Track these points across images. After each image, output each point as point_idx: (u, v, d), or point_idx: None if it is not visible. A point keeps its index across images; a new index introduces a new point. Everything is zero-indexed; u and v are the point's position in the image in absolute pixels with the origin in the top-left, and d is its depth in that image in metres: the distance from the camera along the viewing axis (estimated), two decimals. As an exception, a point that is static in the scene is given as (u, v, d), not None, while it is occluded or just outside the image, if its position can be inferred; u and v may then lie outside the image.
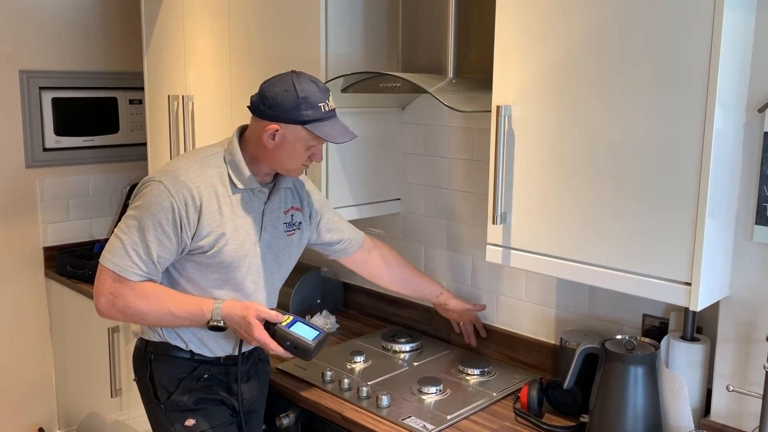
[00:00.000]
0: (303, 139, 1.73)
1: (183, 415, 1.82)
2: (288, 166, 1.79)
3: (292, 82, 1.70)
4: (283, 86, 1.70)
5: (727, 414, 1.63)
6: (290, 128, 1.71)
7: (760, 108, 1.48)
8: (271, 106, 1.70)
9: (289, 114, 1.69)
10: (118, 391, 2.95)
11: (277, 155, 1.75)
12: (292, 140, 1.72)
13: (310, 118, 1.70)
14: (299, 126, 1.71)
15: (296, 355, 1.76)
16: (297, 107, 1.69)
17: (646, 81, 1.45)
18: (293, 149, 1.74)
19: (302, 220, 1.95)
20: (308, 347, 1.74)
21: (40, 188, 3.34)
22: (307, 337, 1.75)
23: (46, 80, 3.30)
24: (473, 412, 1.88)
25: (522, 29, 1.64)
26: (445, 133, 2.35)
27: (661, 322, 1.87)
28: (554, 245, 1.64)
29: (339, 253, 2.13)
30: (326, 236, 2.05)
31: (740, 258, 1.56)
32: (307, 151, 1.76)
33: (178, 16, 2.76)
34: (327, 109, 1.72)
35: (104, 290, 1.70)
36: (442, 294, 2.25)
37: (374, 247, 2.19)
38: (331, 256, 2.15)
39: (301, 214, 1.95)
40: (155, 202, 1.69)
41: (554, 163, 1.62)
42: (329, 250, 2.11)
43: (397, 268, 2.22)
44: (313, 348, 1.74)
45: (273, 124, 1.71)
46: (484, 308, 2.27)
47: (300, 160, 1.77)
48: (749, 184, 1.52)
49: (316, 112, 1.70)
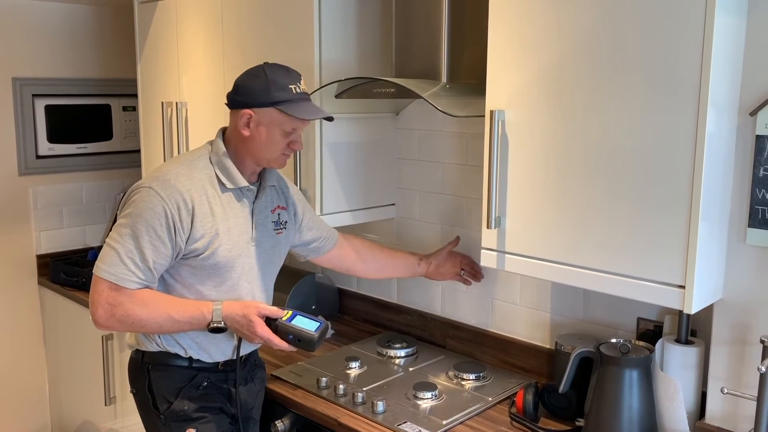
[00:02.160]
0: (277, 122, 1.73)
1: (183, 424, 1.81)
2: (268, 155, 1.78)
3: (263, 69, 1.74)
4: (253, 73, 1.75)
5: (722, 416, 1.64)
6: (263, 112, 1.73)
7: (751, 111, 1.49)
8: (243, 93, 1.73)
9: (260, 97, 1.72)
10: (112, 399, 2.94)
11: (255, 144, 1.76)
12: (266, 125, 1.73)
13: (280, 99, 1.71)
14: (271, 108, 1.72)
15: (300, 347, 1.76)
16: (267, 90, 1.71)
17: (639, 85, 1.45)
18: (270, 135, 1.74)
19: (288, 219, 1.96)
20: (312, 338, 1.74)
21: (33, 196, 3.33)
22: (309, 328, 1.75)
23: (39, 87, 3.30)
24: (469, 417, 1.88)
25: (515, 34, 1.65)
26: (439, 138, 2.35)
27: (655, 325, 1.88)
28: (548, 249, 1.65)
29: (314, 252, 2.11)
30: (307, 235, 2.05)
31: (734, 260, 1.56)
32: (284, 138, 1.76)
33: (172, 23, 2.76)
34: (298, 91, 1.74)
35: (101, 301, 1.68)
36: (422, 260, 2.25)
37: (346, 240, 2.19)
38: (308, 256, 2.13)
39: (286, 213, 1.95)
40: (147, 208, 1.68)
41: (548, 167, 1.62)
42: (306, 250, 2.09)
43: (371, 254, 2.22)
44: (317, 338, 1.74)
45: (246, 110, 1.73)
46: (458, 240, 2.28)
47: (279, 148, 1.77)
48: (742, 187, 1.53)
49: (286, 94, 1.71)
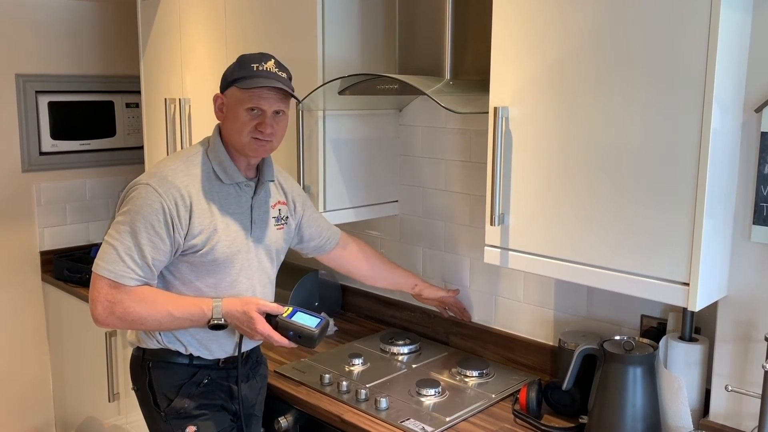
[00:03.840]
0: (238, 100, 1.74)
1: (184, 422, 1.81)
2: (240, 139, 1.76)
3: (240, 56, 1.77)
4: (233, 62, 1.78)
5: (725, 414, 1.63)
6: (228, 93, 1.76)
7: (757, 108, 1.49)
8: (221, 80, 1.78)
9: (227, 78, 1.76)
10: (115, 396, 2.94)
11: (227, 129, 1.78)
12: (231, 105, 1.75)
13: (239, 76, 1.73)
14: (233, 87, 1.74)
15: (301, 344, 1.76)
16: (232, 71, 1.75)
17: (644, 81, 1.45)
18: (234, 115, 1.75)
19: (288, 215, 1.96)
20: (312, 335, 1.74)
21: (36, 192, 3.33)
22: (309, 324, 1.75)
23: (43, 84, 3.30)
24: (472, 414, 1.88)
25: (519, 31, 1.64)
26: (442, 135, 2.35)
27: (659, 322, 1.87)
28: (552, 246, 1.64)
29: (317, 251, 2.12)
30: (307, 232, 2.05)
31: (738, 258, 1.56)
32: (250, 119, 1.74)
33: (175, 19, 2.75)
34: (261, 69, 1.73)
35: (101, 298, 1.68)
36: (417, 285, 2.29)
37: (350, 242, 2.20)
38: (310, 254, 2.13)
39: (287, 209, 1.95)
40: (145, 204, 1.68)
41: (552, 164, 1.62)
42: (308, 248, 2.10)
43: (372, 262, 2.24)
44: (317, 335, 1.74)
45: (219, 95, 1.78)
46: (457, 292, 2.32)
47: (246, 130, 1.74)
48: (747, 184, 1.53)
49: (246, 71, 1.73)
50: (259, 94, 1.72)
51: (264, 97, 1.72)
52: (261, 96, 1.72)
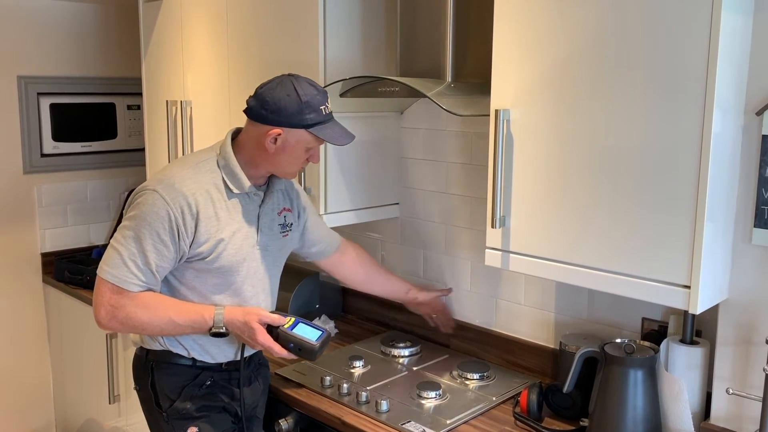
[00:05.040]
0: (305, 141, 1.74)
1: (185, 423, 1.81)
2: (288, 170, 1.79)
3: (293, 86, 1.70)
4: (285, 91, 1.70)
5: (726, 417, 1.63)
6: (293, 132, 1.71)
7: (758, 111, 1.49)
8: (273, 110, 1.70)
9: (293, 119, 1.70)
10: (116, 398, 2.94)
11: (277, 159, 1.75)
12: (293, 143, 1.73)
13: (313, 121, 1.71)
14: (302, 130, 1.71)
15: (301, 356, 1.76)
16: (300, 111, 1.69)
17: (645, 84, 1.45)
18: (294, 153, 1.74)
19: (293, 221, 1.96)
20: (312, 348, 1.74)
21: (37, 194, 3.33)
22: (310, 338, 1.75)
23: (44, 86, 3.31)
24: (473, 417, 1.87)
25: (520, 33, 1.64)
26: (443, 138, 2.35)
27: (660, 325, 1.87)
28: (553, 249, 1.64)
29: (317, 255, 2.12)
30: (309, 237, 2.05)
31: (739, 261, 1.56)
32: (306, 154, 1.77)
33: (177, 21, 2.76)
34: (327, 111, 1.74)
35: (104, 302, 1.69)
36: (411, 290, 2.29)
37: (348, 247, 2.21)
38: (309, 258, 2.13)
39: (292, 215, 1.95)
40: (151, 211, 1.68)
41: (553, 167, 1.62)
42: (308, 253, 2.10)
43: (368, 268, 2.25)
44: (317, 348, 1.74)
45: (276, 128, 1.71)
46: (450, 291, 2.34)
47: (299, 163, 1.78)
48: (748, 187, 1.53)
49: (318, 116, 1.71)
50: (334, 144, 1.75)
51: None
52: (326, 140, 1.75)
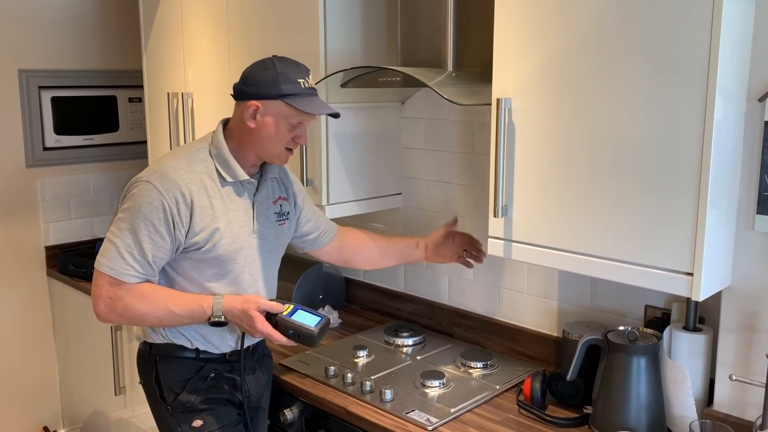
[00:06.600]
0: (284, 115, 1.72)
1: (190, 415, 1.82)
2: (272, 149, 1.77)
3: (272, 62, 1.73)
4: (263, 66, 1.73)
5: (730, 403, 1.64)
6: (270, 104, 1.71)
7: (760, 97, 1.48)
8: (252, 84, 1.72)
9: (269, 89, 1.70)
10: (121, 389, 2.96)
11: (260, 137, 1.74)
12: (273, 117, 1.72)
13: (289, 92, 1.70)
14: (279, 101, 1.70)
15: (301, 342, 1.76)
16: (276, 82, 1.70)
17: (646, 71, 1.44)
18: (276, 128, 1.73)
19: (290, 210, 1.95)
20: (311, 334, 1.74)
21: (40, 187, 3.34)
22: (309, 324, 1.75)
23: (46, 79, 3.30)
24: (477, 405, 1.88)
25: (521, 22, 1.64)
26: (445, 127, 2.35)
27: (663, 312, 1.88)
28: (556, 237, 1.64)
29: (313, 245, 2.09)
30: (306, 226, 2.04)
31: (742, 247, 1.56)
32: (290, 132, 1.75)
33: (177, 13, 2.75)
34: (307, 85, 1.73)
35: (102, 295, 1.69)
36: (419, 244, 2.14)
37: (344, 232, 2.16)
38: (306, 249, 2.10)
39: (288, 204, 1.95)
40: (145, 202, 1.68)
41: (555, 155, 1.62)
42: (305, 242, 2.07)
43: (369, 245, 2.16)
44: (317, 334, 1.75)
45: (254, 101, 1.71)
46: (456, 220, 2.16)
47: (283, 142, 1.76)
48: (750, 174, 1.52)
49: (295, 87, 1.71)
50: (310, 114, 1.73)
51: (311, 115, 1.74)
52: (309, 115, 1.74)
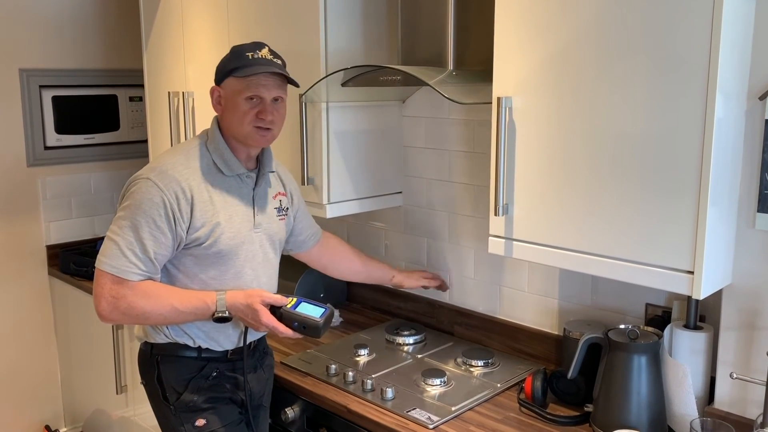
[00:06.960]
0: (236, 90, 1.75)
1: (193, 415, 1.82)
2: (241, 130, 1.76)
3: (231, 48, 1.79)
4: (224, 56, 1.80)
5: (730, 401, 1.64)
6: (225, 84, 1.77)
7: (761, 96, 1.48)
8: (216, 73, 1.79)
9: (223, 71, 1.77)
10: (123, 388, 2.96)
11: (228, 121, 1.78)
12: (230, 96, 1.76)
13: (235, 66, 1.74)
14: (229, 78, 1.75)
15: (306, 334, 1.76)
16: (227, 63, 1.77)
17: (647, 69, 1.44)
18: (234, 106, 1.75)
19: (288, 206, 1.97)
20: (317, 325, 1.74)
21: (42, 186, 3.34)
22: (314, 315, 1.75)
23: (46, 78, 3.30)
24: (478, 403, 1.88)
25: (521, 20, 1.64)
26: (446, 126, 2.35)
27: (663, 311, 1.88)
28: (556, 236, 1.64)
29: (300, 246, 2.10)
30: (298, 226, 2.05)
31: (743, 246, 1.56)
32: (251, 108, 1.75)
33: (177, 12, 2.75)
34: (256, 56, 1.74)
35: (104, 294, 1.68)
36: (395, 276, 2.28)
37: (329, 238, 2.21)
38: (291, 250, 2.11)
39: (287, 199, 1.96)
40: (146, 199, 1.68)
41: (556, 154, 1.62)
42: (294, 242, 2.08)
43: (349, 257, 2.24)
44: (322, 325, 1.75)
45: (214, 87, 1.79)
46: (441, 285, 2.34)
47: (248, 120, 1.75)
48: (751, 172, 1.52)
49: (241, 61, 1.74)
50: (257, 81, 1.73)
51: (263, 84, 1.73)
52: (259, 84, 1.73)
